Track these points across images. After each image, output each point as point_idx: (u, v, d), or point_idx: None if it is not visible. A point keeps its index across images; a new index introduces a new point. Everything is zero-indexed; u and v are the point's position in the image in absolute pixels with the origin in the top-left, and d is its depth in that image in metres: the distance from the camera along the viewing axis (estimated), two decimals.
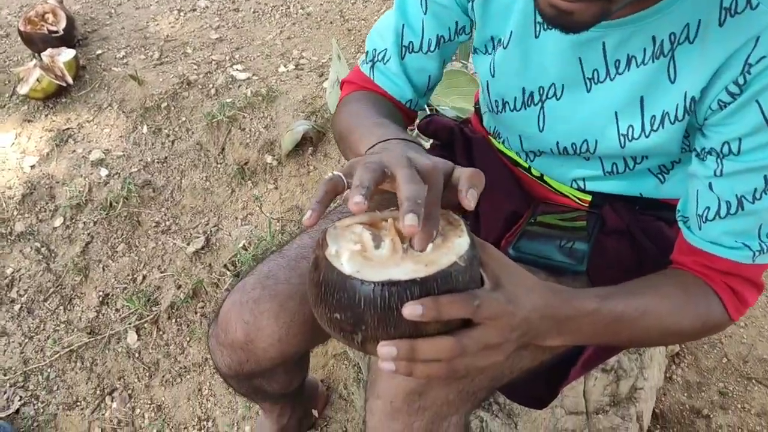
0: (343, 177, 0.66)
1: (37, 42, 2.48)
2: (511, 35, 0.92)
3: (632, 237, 1.01)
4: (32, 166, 2.23)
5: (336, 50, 2.02)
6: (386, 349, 0.62)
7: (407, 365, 0.64)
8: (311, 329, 0.97)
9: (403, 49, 1.00)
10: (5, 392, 1.77)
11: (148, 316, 1.86)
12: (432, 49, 0.99)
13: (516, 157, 1.09)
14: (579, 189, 1.04)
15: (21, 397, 1.76)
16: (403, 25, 0.98)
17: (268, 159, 2.07)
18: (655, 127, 0.85)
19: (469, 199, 0.65)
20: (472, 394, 0.88)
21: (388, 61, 1.00)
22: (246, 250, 1.93)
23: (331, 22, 2.64)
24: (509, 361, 0.86)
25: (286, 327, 0.96)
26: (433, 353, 0.63)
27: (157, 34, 2.65)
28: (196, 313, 1.86)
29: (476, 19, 0.96)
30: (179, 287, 1.91)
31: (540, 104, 0.94)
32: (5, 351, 1.86)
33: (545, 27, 0.87)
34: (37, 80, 2.31)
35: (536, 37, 0.89)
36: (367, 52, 1.04)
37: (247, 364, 1.01)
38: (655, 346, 1.42)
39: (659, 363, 1.49)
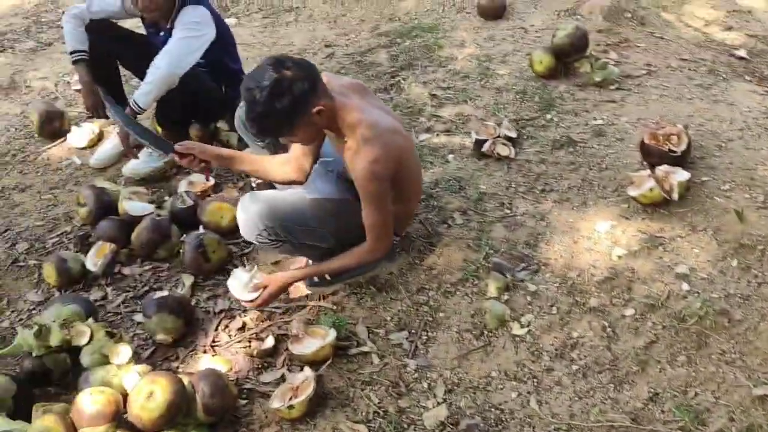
0: None
1: (654, 155, 2.83)
2: None
3: None
4: (619, 257, 2.55)
5: None
6: None
7: None
8: None
9: None
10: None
11: (692, 429, 1.96)
12: None
13: None
14: None
15: None
16: None
17: None
18: None
19: None
20: None
21: None
22: None
23: None
24: None
25: None
26: None
27: (765, 178, 2.75)
28: None
29: None
30: (731, 420, 1.95)
31: None
32: (557, 398, 2.17)
33: None
34: (650, 189, 2.64)
35: None
36: None
37: None
38: None
39: None
